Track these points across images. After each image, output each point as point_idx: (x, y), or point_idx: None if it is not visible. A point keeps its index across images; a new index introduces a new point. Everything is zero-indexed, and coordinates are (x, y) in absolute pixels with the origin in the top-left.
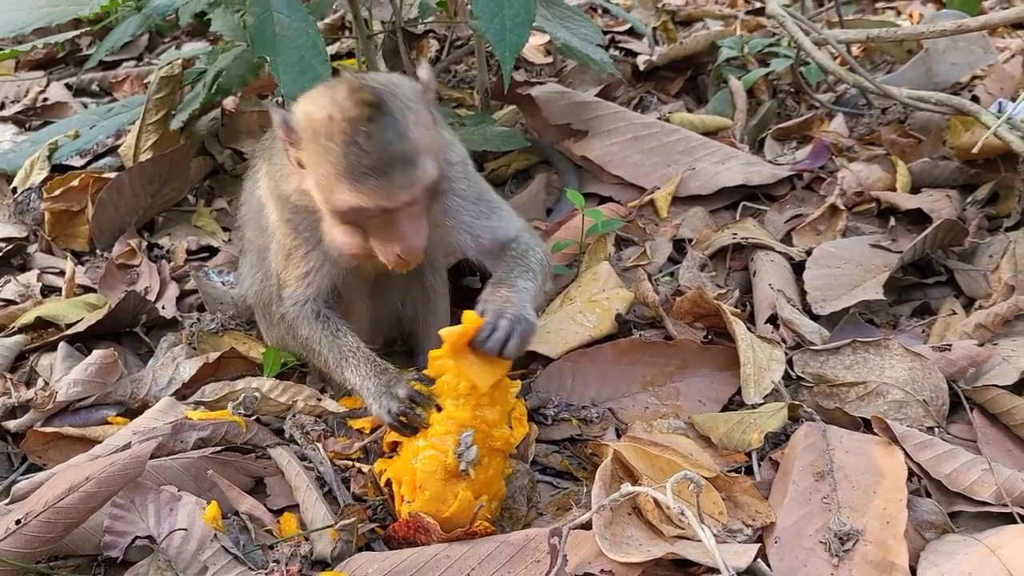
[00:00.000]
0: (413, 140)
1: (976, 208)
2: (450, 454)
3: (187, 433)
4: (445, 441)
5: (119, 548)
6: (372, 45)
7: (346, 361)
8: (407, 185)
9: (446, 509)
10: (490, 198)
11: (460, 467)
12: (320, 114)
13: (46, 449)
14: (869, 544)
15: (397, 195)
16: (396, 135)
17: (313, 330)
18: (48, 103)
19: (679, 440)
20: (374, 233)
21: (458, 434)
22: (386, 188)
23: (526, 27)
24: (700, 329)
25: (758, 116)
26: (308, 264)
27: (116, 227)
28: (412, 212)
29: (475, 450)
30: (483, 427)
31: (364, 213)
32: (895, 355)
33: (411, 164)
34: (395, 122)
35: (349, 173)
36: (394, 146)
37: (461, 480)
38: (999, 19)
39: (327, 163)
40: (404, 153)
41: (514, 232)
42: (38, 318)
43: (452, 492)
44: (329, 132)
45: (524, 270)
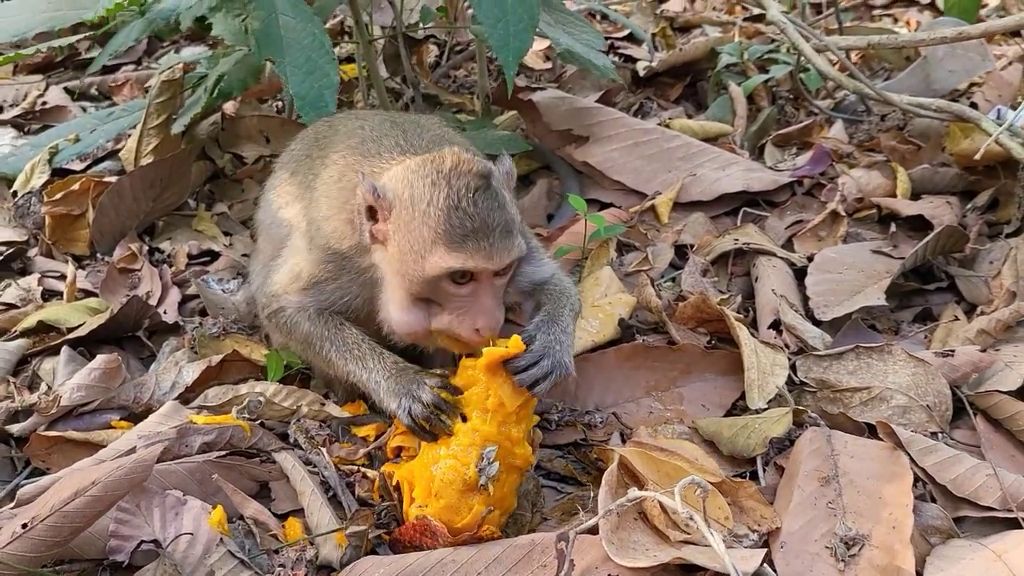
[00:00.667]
0: (510, 214)
1: (976, 214)
2: (472, 467)
3: (192, 437)
4: (468, 453)
5: (125, 552)
6: (373, 50)
7: (350, 353)
8: (507, 249)
9: (459, 520)
10: (532, 244)
11: (480, 482)
12: (423, 182)
13: (49, 453)
14: (875, 549)
15: (498, 257)
16: (499, 206)
17: (315, 326)
18: (47, 107)
19: (684, 445)
20: (455, 307)
21: (482, 447)
22: (487, 250)
23: (529, 33)
24: (703, 334)
25: (758, 122)
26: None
27: (117, 231)
28: (498, 286)
29: (496, 466)
30: (506, 444)
31: (457, 277)
32: (898, 360)
33: (509, 233)
34: (497, 195)
35: (450, 235)
36: (497, 214)
37: (478, 494)
38: (999, 27)
39: (425, 227)
40: (505, 222)
41: (548, 273)
42: (40, 322)
43: (467, 504)
44: (433, 198)
45: (570, 310)
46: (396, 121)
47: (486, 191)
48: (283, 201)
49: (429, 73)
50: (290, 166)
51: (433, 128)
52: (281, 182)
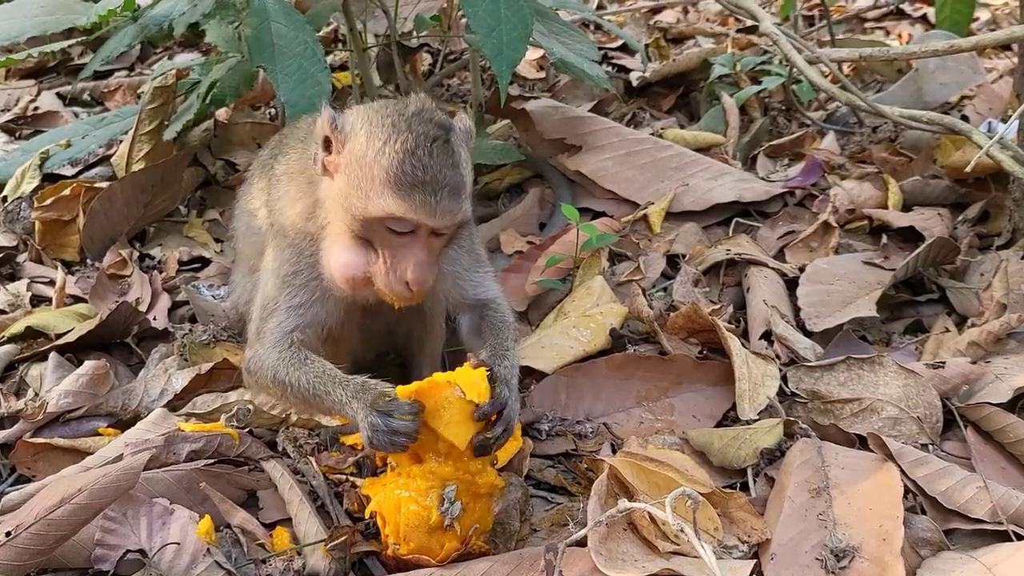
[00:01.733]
0: (463, 175)
1: (967, 227)
2: (434, 511)
3: (180, 445)
4: (429, 497)
5: (110, 562)
6: (367, 58)
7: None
8: (451, 211)
9: (433, 557)
10: (480, 253)
11: (445, 523)
12: (383, 121)
13: (35, 460)
14: (865, 561)
15: (440, 216)
16: (453, 164)
17: (282, 357)
18: (39, 112)
19: (674, 455)
20: (388, 255)
21: (441, 489)
22: (432, 206)
23: (523, 42)
24: (694, 344)
25: (750, 133)
26: (304, 295)
27: (107, 237)
28: (435, 244)
29: (459, 505)
30: (466, 478)
31: (396, 225)
32: (889, 372)
33: (458, 194)
34: (455, 153)
35: (399, 181)
36: (449, 172)
37: (447, 532)
38: (990, 40)
39: (376, 166)
40: (456, 182)
41: (492, 295)
42: (28, 328)
43: (438, 543)
44: (391, 138)
45: (511, 343)
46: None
47: (444, 144)
48: (254, 206)
49: (422, 82)
50: (258, 171)
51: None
52: (251, 187)
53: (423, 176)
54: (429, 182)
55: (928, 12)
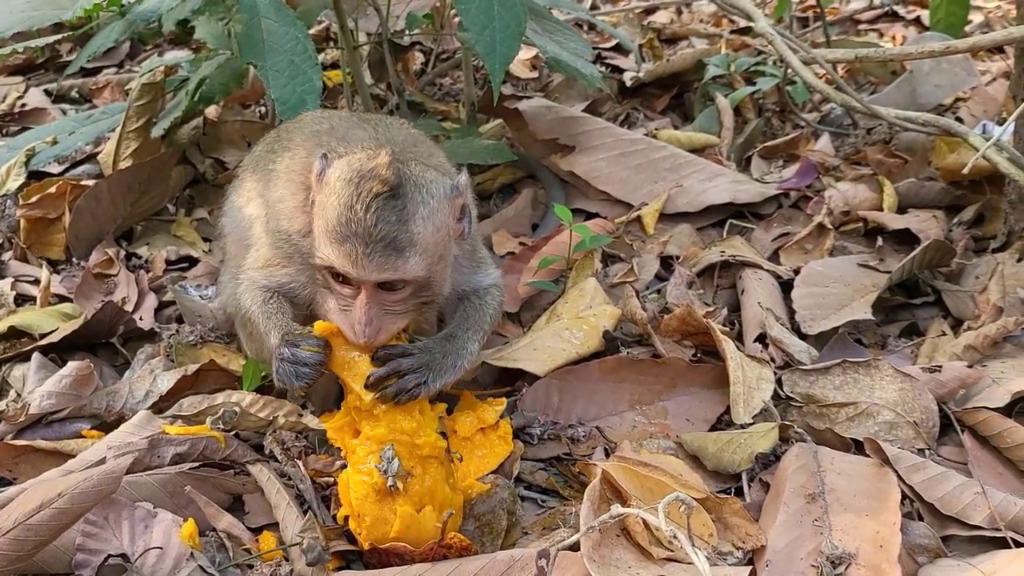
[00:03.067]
0: (411, 232)
1: (962, 229)
2: (375, 473)
3: (164, 448)
4: (368, 462)
5: (91, 567)
6: (358, 56)
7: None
8: (379, 266)
9: (390, 529)
10: (481, 254)
11: (388, 483)
12: (345, 173)
13: (17, 463)
14: (862, 568)
15: (365, 269)
16: (396, 220)
17: (254, 301)
18: (26, 109)
19: (668, 460)
20: (341, 305)
21: (379, 452)
22: (358, 258)
23: (516, 40)
24: (688, 347)
25: (745, 134)
26: (287, 279)
27: (93, 236)
28: (380, 299)
29: (397, 462)
30: (403, 438)
31: (333, 276)
32: (885, 376)
33: (396, 250)
34: (402, 208)
35: (334, 232)
36: (387, 227)
37: (396, 497)
38: (986, 42)
39: (325, 216)
40: (394, 237)
41: (487, 283)
42: (11, 327)
43: (390, 511)
44: (340, 190)
45: (476, 329)
46: (364, 118)
47: (387, 200)
48: (245, 200)
49: (415, 80)
50: (251, 166)
51: (403, 128)
52: (242, 183)
53: (355, 228)
54: (360, 235)
55: (922, 14)
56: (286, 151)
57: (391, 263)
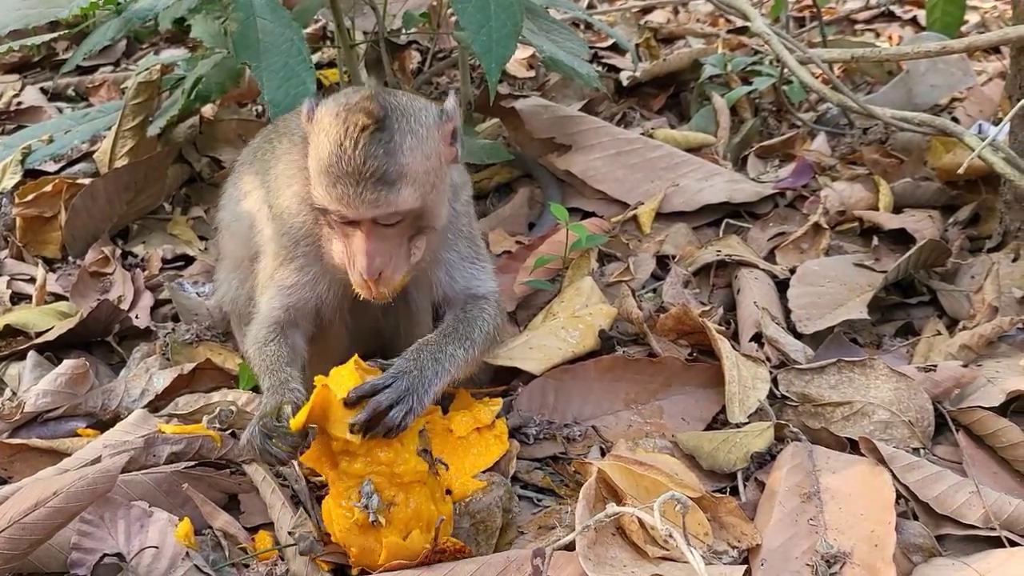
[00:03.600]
0: (401, 163)
1: (958, 229)
2: (356, 510)
3: (160, 447)
4: (349, 497)
5: (87, 566)
6: (355, 55)
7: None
8: (372, 201)
9: (378, 558)
10: (480, 245)
11: (370, 519)
12: (331, 108)
13: (12, 461)
14: (857, 567)
15: (359, 207)
16: (385, 152)
17: (258, 334)
18: (22, 107)
19: (664, 459)
20: (347, 246)
21: (357, 487)
22: (350, 197)
23: (512, 39)
24: (684, 346)
25: (741, 134)
26: (300, 276)
27: (89, 234)
28: (380, 234)
29: (377, 498)
30: (381, 468)
31: (336, 216)
32: (880, 375)
33: (386, 184)
34: (389, 140)
35: (326, 173)
36: (376, 161)
37: (380, 528)
38: (982, 42)
39: (316, 157)
40: (384, 171)
41: (483, 292)
42: (7, 326)
43: (376, 540)
44: (328, 129)
45: (463, 339)
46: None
47: (374, 133)
48: (242, 193)
49: (411, 79)
50: (248, 159)
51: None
52: (240, 176)
53: (344, 168)
54: (351, 173)
55: (918, 14)
56: (283, 140)
57: (383, 198)
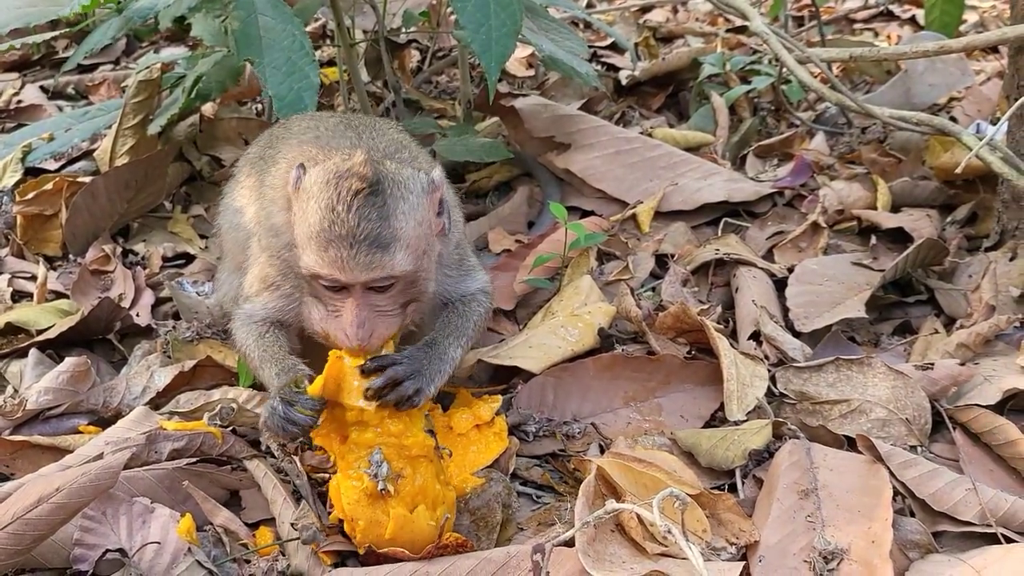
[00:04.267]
0: (394, 227)
1: (955, 228)
2: (365, 478)
3: (161, 444)
4: (358, 468)
5: (89, 562)
6: (354, 54)
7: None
8: (367, 265)
9: (384, 531)
10: (470, 262)
11: (379, 487)
12: (321, 176)
13: (14, 458)
14: (854, 563)
15: (353, 270)
16: (379, 216)
17: (249, 335)
18: (22, 105)
19: (663, 456)
20: (331, 311)
21: (368, 457)
22: (344, 260)
23: (512, 38)
24: (683, 344)
25: (740, 133)
26: (286, 303)
27: (90, 232)
28: (371, 301)
29: (387, 466)
30: (391, 440)
31: (326, 282)
32: (878, 373)
33: (381, 248)
34: (383, 204)
35: (318, 237)
36: (371, 224)
37: (388, 499)
38: (981, 41)
39: (305, 223)
40: (377, 235)
41: (473, 289)
42: (8, 324)
43: (384, 512)
44: (319, 194)
45: (459, 335)
46: (351, 123)
47: (367, 197)
48: (240, 204)
49: (411, 78)
50: (246, 168)
51: (390, 132)
52: (238, 184)
53: (338, 231)
54: (344, 236)
55: (917, 14)
56: (274, 164)
57: (378, 261)
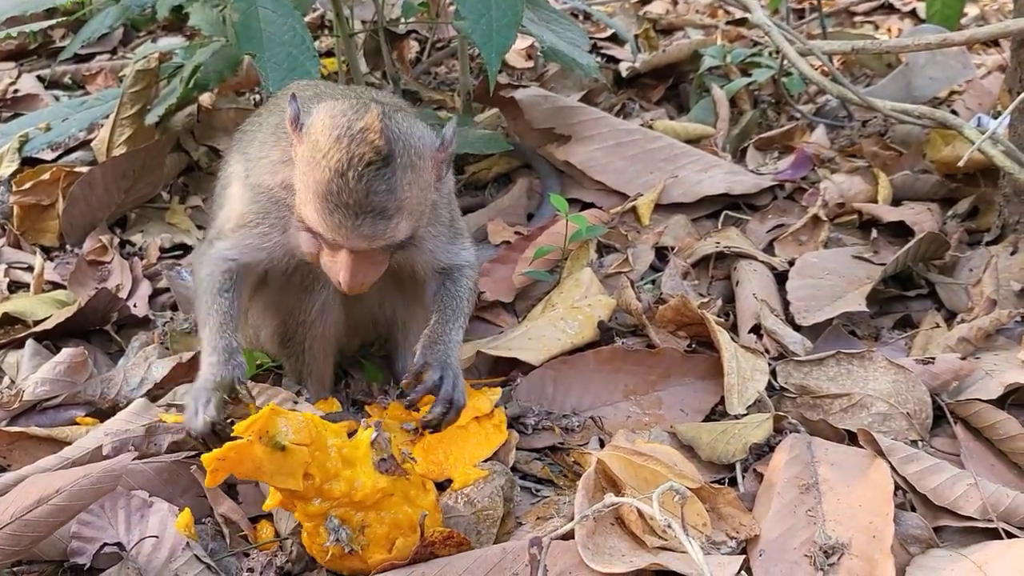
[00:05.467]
0: (399, 199)
1: (956, 222)
2: (332, 547)
3: (161, 436)
4: (319, 534)
5: (87, 555)
6: (353, 44)
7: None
8: (369, 236)
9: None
10: (459, 225)
11: (346, 550)
12: (330, 131)
13: (11, 449)
14: (855, 558)
15: (354, 241)
16: (386, 189)
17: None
18: (19, 95)
19: (664, 449)
20: (326, 253)
21: (324, 523)
22: (348, 229)
23: (513, 29)
24: (683, 338)
25: (740, 125)
26: (259, 241)
27: (87, 222)
28: (365, 256)
29: (345, 530)
30: (341, 501)
31: (320, 237)
32: (879, 367)
33: (384, 219)
34: (392, 177)
35: (324, 199)
36: (377, 197)
37: (363, 550)
38: (983, 34)
39: (311, 177)
40: (383, 207)
41: (464, 261)
42: (5, 314)
43: (361, 561)
44: (328, 152)
45: (456, 317)
46: (350, 87)
47: (379, 169)
48: (231, 170)
49: (410, 69)
50: (235, 145)
51: (388, 96)
52: (227, 164)
53: (345, 199)
54: (352, 206)
55: (917, 7)
56: (272, 113)
57: (380, 231)
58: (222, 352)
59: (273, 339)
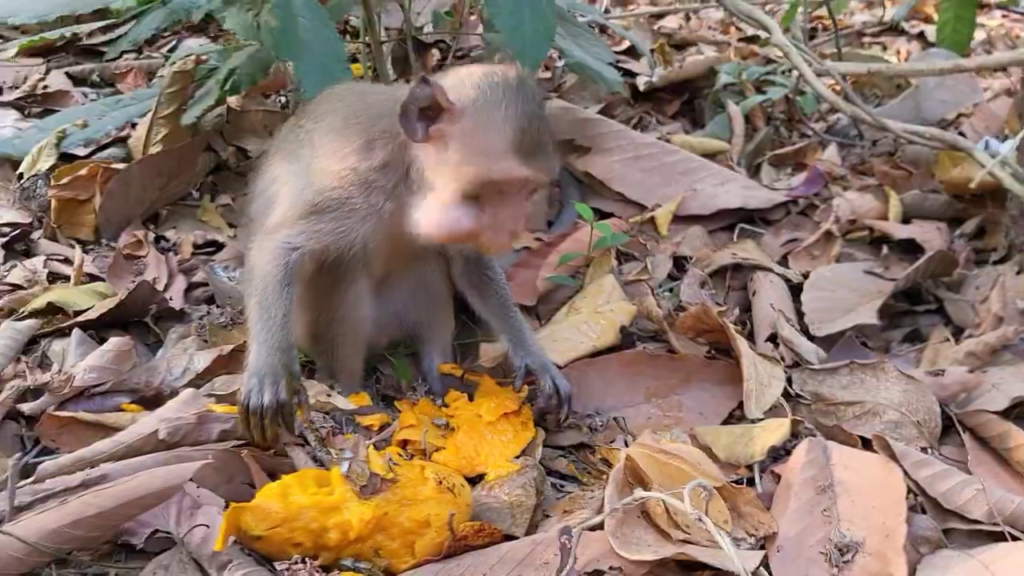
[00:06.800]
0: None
1: (964, 241)
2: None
3: (211, 424)
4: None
5: (139, 537)
6: (382, 52)
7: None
8: (555, 166)
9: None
10: None
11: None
12: (501, 88)
13: (60, 433)
14: (869, 556)
15: (551, 173)
16: (549, 128)
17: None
18: (48, 91)
19: (688, 449)
20: (495, 211)
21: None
22: (547, 165)
23: (546, 42)
24: (702, 344)
25: (754, 142)
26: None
27: (123, 218)
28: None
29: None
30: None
31: (512, 185)
32: (891, 377)
33: (555, 153)
34: (549, 119)
35: (522, 148)
36: (549, 135)
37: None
38: (993, 61)
39: (499, 136)
40: (552, 143)
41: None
42: (49, 303)
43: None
44: (507, 108)
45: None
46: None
47: (544, 115)
48: (270, 181)
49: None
50: (276, 143)
51: None
52: (269, 167)
53: (540, 138)
54: (545, 143)
55: (926, 29)
56: (324, 116)
57: (555, 161)
58: (285, 344)
59: (305, 335)
